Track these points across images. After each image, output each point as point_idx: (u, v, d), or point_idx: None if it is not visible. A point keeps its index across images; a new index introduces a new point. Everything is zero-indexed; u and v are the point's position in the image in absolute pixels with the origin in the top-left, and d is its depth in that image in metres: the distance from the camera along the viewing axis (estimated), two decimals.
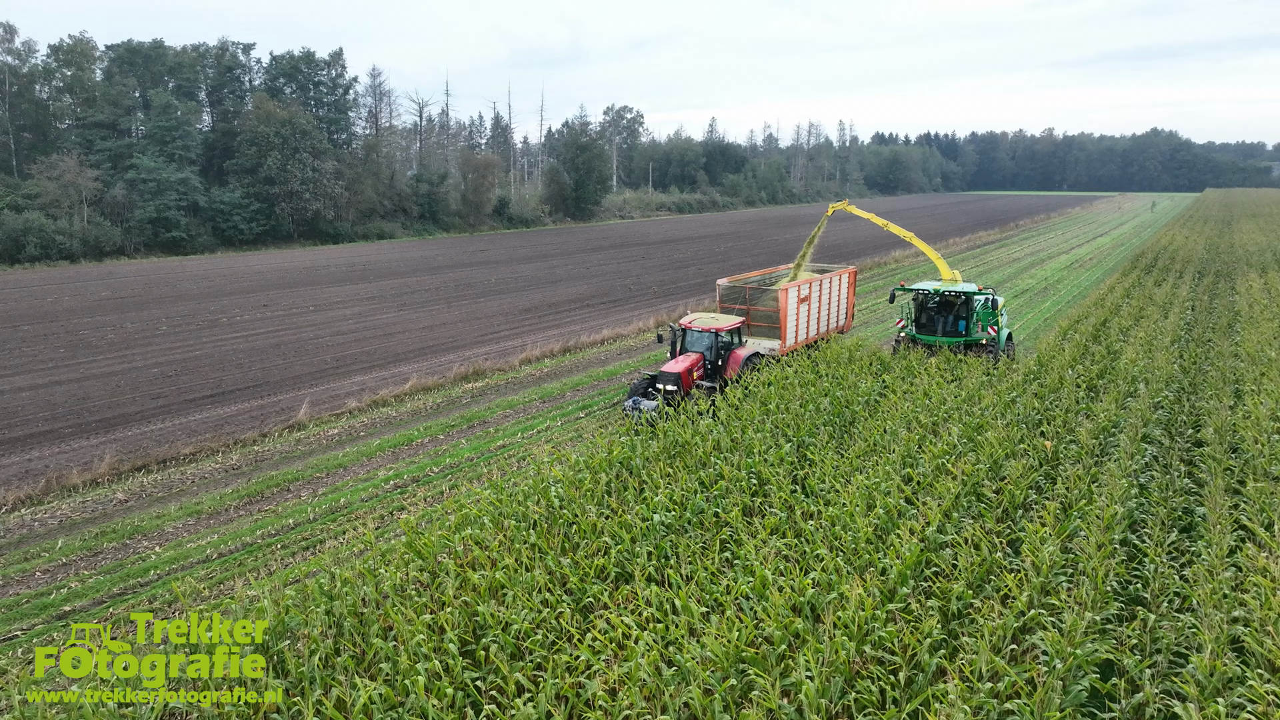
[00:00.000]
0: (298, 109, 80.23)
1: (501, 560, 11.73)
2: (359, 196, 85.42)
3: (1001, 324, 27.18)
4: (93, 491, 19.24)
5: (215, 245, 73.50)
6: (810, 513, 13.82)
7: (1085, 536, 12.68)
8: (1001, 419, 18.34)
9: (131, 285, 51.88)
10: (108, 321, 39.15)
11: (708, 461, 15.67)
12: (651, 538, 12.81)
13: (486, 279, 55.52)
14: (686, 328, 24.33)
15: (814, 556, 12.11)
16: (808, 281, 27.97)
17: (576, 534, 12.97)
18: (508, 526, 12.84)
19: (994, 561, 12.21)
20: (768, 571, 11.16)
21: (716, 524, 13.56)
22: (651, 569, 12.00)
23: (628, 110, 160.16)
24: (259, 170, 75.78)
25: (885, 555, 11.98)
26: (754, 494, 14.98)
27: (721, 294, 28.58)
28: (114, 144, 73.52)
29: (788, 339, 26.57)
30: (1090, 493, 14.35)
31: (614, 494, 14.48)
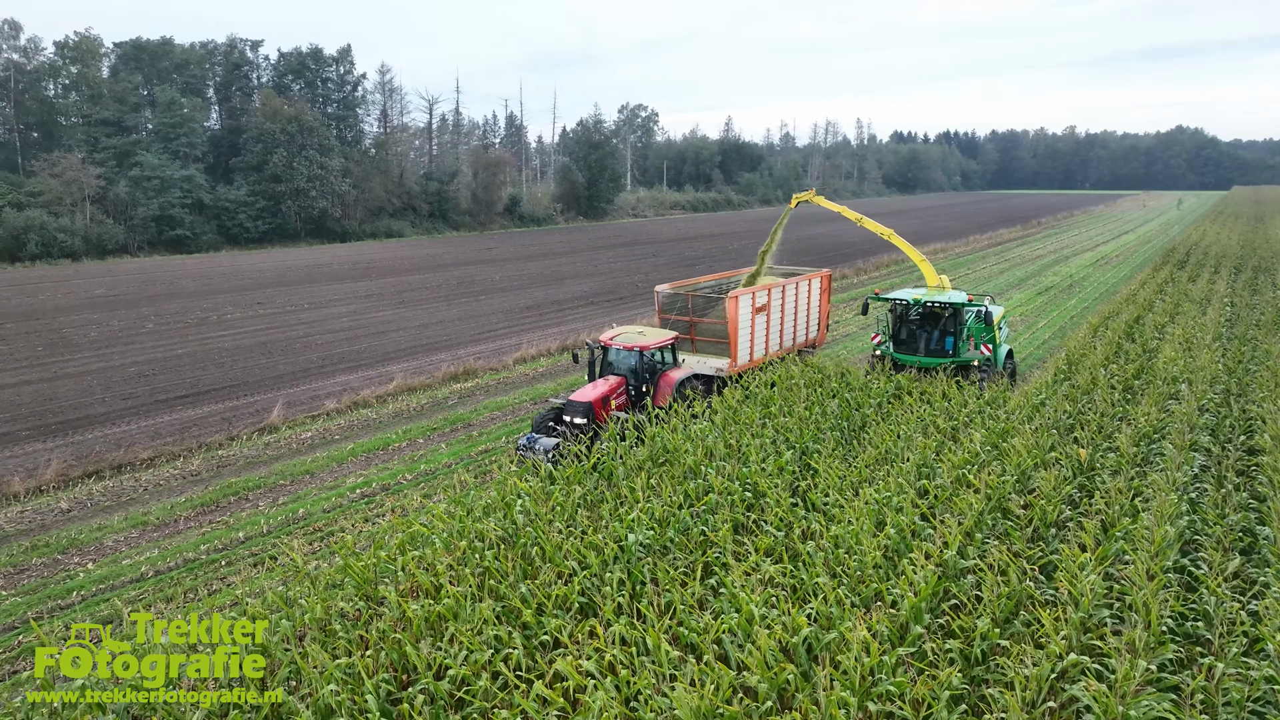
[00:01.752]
0: (304, 106, 79.12)
1: (447, 589, 10.04)
2: (367, 195, 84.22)
3: (999, 340, 22.78)
4: (35, 500, 17.73)
5: (220, 243, 72.43)
6: (811, 531, 12.04)
7: (1132, 562, 10.84)
8: (1029, 423, 16.48)
9: (128, 283, 50.72)
10: (94, 319, 37.87)
11: (698, 472, 13.91)
12: (625, 561, 11.08)
13: (490, 277, 53.99)
14: (607, 345, 19.68)
15: (813, 585, 10.34)
16: (765, 288, 23.17)
17: (539, 557, 11.26)
18: (459, 548, 11.14)
19: (1024, 592, 10.39)
20: (755, 606, 9.40)
21: (703, 545, 11.81)
22: (622, 599, 10.26)
23: (642, 109, 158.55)
24: (265, 168, 74.66)
25: (896, 584, 10.19)
26: (749, 508, 13.21)
27: (662, 303, 23.49)
28: (119, 141, 72.65)
29: (739, 356, 21.97)
30: (1135, 509, 12.49)
31: (590, 508, 12.76)
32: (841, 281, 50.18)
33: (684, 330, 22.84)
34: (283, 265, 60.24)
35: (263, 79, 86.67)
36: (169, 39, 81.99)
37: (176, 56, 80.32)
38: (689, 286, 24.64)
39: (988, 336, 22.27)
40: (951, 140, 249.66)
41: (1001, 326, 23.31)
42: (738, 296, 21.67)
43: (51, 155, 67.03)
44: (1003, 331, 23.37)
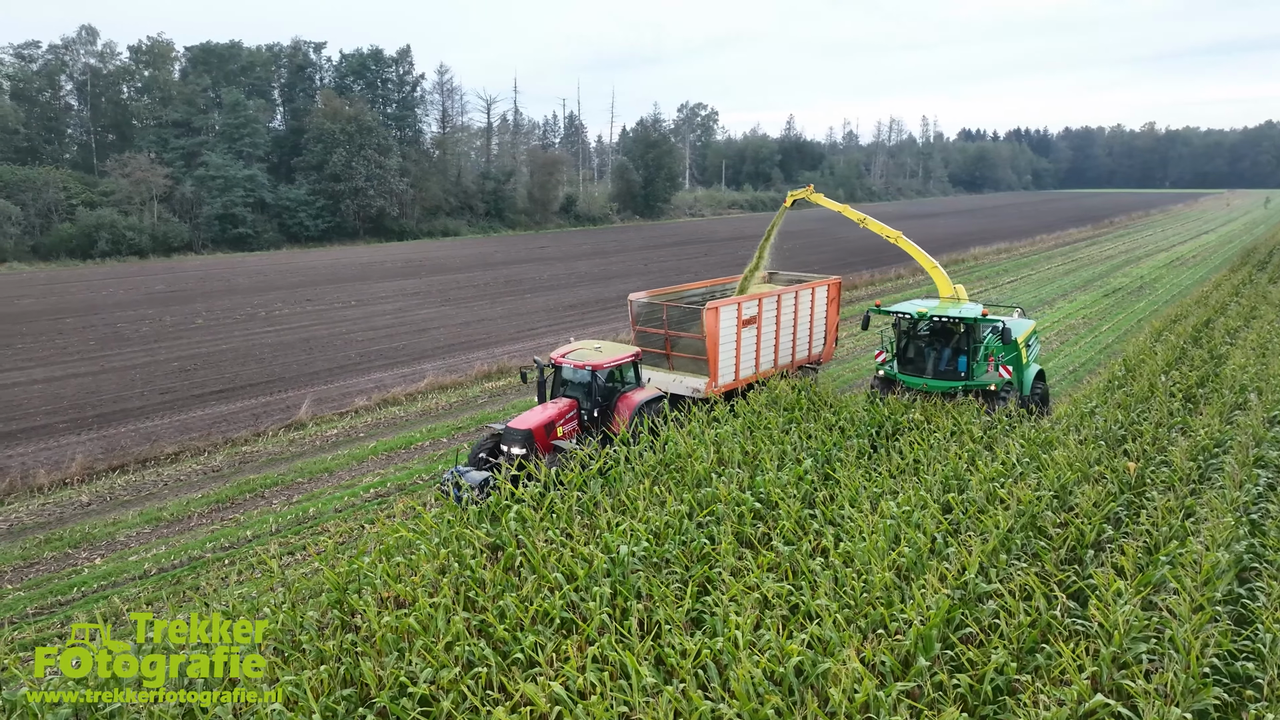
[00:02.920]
0: (364, 106, 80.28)
1: (421, 601, 9.51)
2: (425, 194, 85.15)
3: (1027, 359, 19.74)
4: (58, 493, 17.86)
5: (281, 241, 73.92)
6: (821, 547, 11.19)
7: (1177, 592, 9.76)
8: (1074, 433, 15.30)
9: (187, 280, 51.94)
10: (148, 315, 38.70)
11: (707, 480, 13.15)
12: (617, 574, 10.41)
13: (538, 275, 53.83)
14: (558, 363, 17.24)
15: (813, 607, 9.52)
16: (756, 297, 20.62)
17: (526, 567, 10.67)
18: (440, 556, 10.60)
19: (1049, 621, 9.41)
20: (740, 629, 8.64)
21: (704, 559, 11.07)
22: (607, 616, 9.60)
23: (702, 108, 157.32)
24: (325, 167, 75.97)
25: (906, 609, 9.30)
26: (759, 519, 12.41)
27: (636, 314, 21.06)
28: (187, 142, 74.73)
29: (721, 374, 19.44)
30: (1184, 530, 11.34)
31: (586, 516, 12.11)
32: (891, 284, 48.66)
33: (661, 345, 20.61)
34: (338, 263, 61.10)
35: (325, 80, 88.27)
36: (237, 42, 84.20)
37: (243, 59, 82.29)
38: (672, 295, 22.10)
39: (1008, 356, 19.05)
40: (1022, 138, 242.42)
41: (1030, 344, 20.25)
42: (718, 308, 19.13)
43: (122, 156, 69.20)
44: (1031, 349, 20.39)
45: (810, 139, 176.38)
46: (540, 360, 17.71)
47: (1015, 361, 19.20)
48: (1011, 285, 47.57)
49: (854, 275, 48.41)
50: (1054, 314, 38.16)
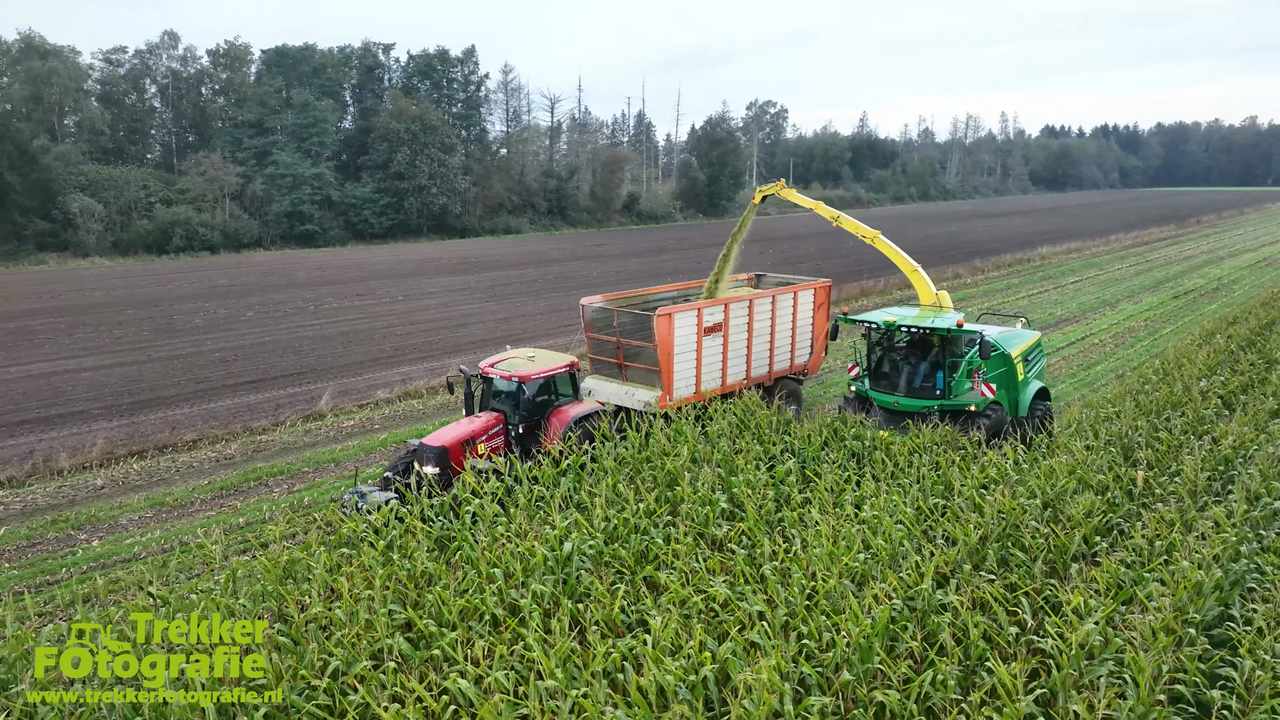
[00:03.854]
0: (429, 106, 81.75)
1: (346, 596, 9.40)
2: (488, 192, 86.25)
3: (1024, 376, 17.42)
4: (76, 476, 18.50)
5: (346, 238, 75.80)
6: (781, 551, 10.69)
7: (1146, 611, 9.00)
8: (1083, 437, 14.37)
9: (250, 274, 53.66)
10: (205, 308, 40.03)
11: (678, 478, 12.75)
12: (561, 572, 10.13)
13: (589, 272, 53.88)
14: (485, 373, 15.96)
15: (746, 616, 9.07)
16: (722, 303, 18.94)
17: (467, 562, 10.48)
18: (379, 547, 10.49)
19: (1004, 639, 8.76)
20: (653, 634, 8.27)
21: (651, 560, 10.70)
22: (539, 613, 9.33)
23: (771, 105, 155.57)
24: (389, 166, 77.59)
25: (844, 618, 8.77)
26: (729, 519, 11.96)
27: (588, 320, 19.44)
28: (259, 141, 77.23)
29: (676, 388, 17.72)
30: (1174, 545, 10.47)
31: (543, 513, 11.84)
32: (950, 284, 47.08)
33: (613, 354, 19.06)
34: (396, 259, 62.31)
35: (393, 80, 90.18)
36: (311, 45, 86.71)
37: (315, 61, 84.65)
38: (632, 299, 20.42)
39: (992, 372, 16.70)
40: (1110, 134, 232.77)
41: (1032, 358, 18.02)
42: (672, 314, 17.43)
43: (197, 155, 71.96)
44: (1033, 365, 18.11)
45: (884, 136, 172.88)
46: (467, 370, 16.53)
47: (1006, 378, 17.01)
48: (1075, 286, 45.54)
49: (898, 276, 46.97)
50: (1114, 316, 36.36)
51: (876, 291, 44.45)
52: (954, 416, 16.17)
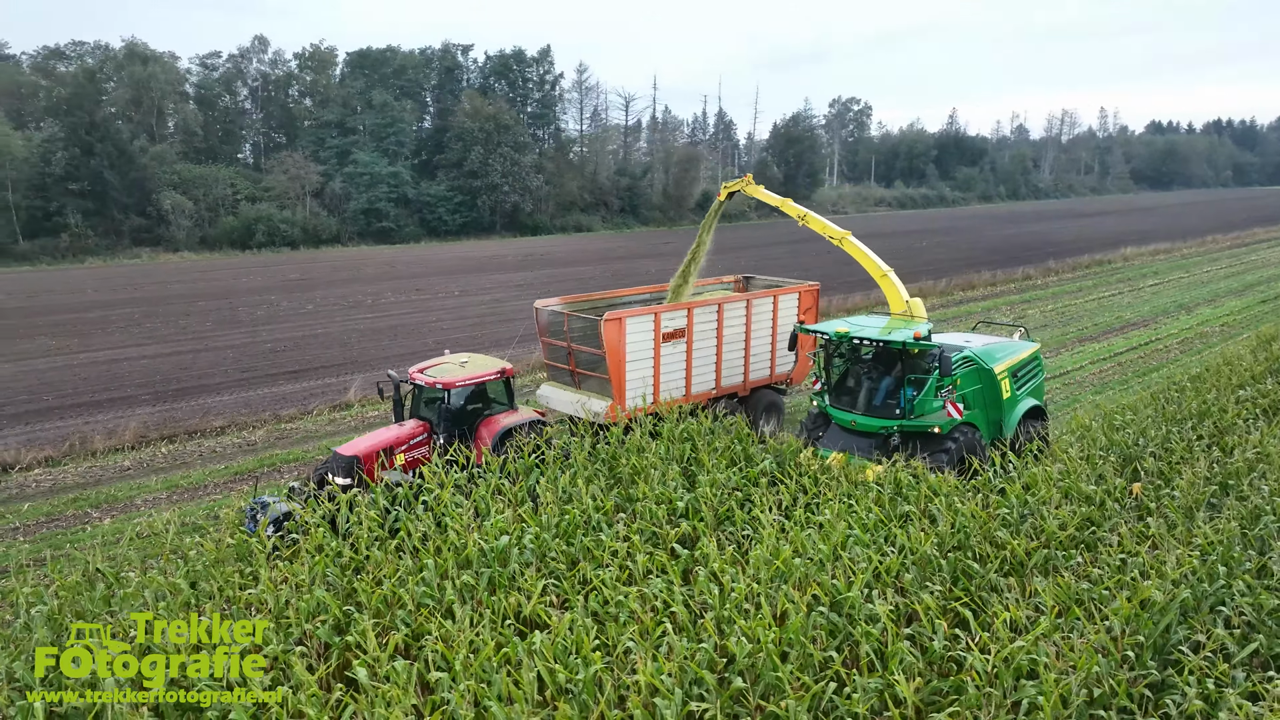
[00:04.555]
0: (504, 105, 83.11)
1: (266, 581, 9.59)
2: (560, 190, 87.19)
3: (1011, 393, 15.62)
4: (108, 458, 19.47)
5: (421, 235, 77.71)
6: (703, 553, 10.42)
7: (1091, 633, 8.43)
8: (1086, 445, 13.56)
9: (321, 269, 55.55)
10: (270, 300, 41.65)
11: (641, 478, 12.57)
12: (494, 565, 10.12)
13: (648, 270, 53.75)
14: (413, 379, 15.16)
15: (656, 616, 8.88)
16: (684, 307, 17.67)
17: (407, 553, 10.56)
18: (318, 536, 10.64)
19: (936, 652, 8.34)
20: (540, 634, 8.17)
21: (592, 559, 10.58)
22: (463, 606, 9.34)
23: (855, 102, 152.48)
24: (464, 164, 79.21)
25: (754, 623, 8.49)
26: (686, 518, 11.74)
27: (543, 324, 18.48)
28: (341, 141, 79.94)
29: (630, 398, 16.61)
30: (1142, 563, 9.77)
31: (485, 506, 11.80)
32: (1017, 285, 45.24)
33: (566, 361, 18.10)
34: (462, 255, 63.58)
35: (471, 81, 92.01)
36: (395, 47, 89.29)
37: (396, 62, 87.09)
38: (593, 302, 19.33)
39: (966, 389, 14.94)
40: (1223, 130, 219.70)
41: (1023, 373, 16.24)
42: (623, 319, 16.34)
43: (280, 154, 74.93)
44: (1026, 381, 16.31)
45: (975, 134, 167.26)
46: (395, 375, 15.57)
47: (986, 395, 15.35)
48: (1153, 289, 43.17)
49: (969, 275, 45.42)
50: (1188, 320, 34.33)
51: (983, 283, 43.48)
52: (916, 439, 14.60)
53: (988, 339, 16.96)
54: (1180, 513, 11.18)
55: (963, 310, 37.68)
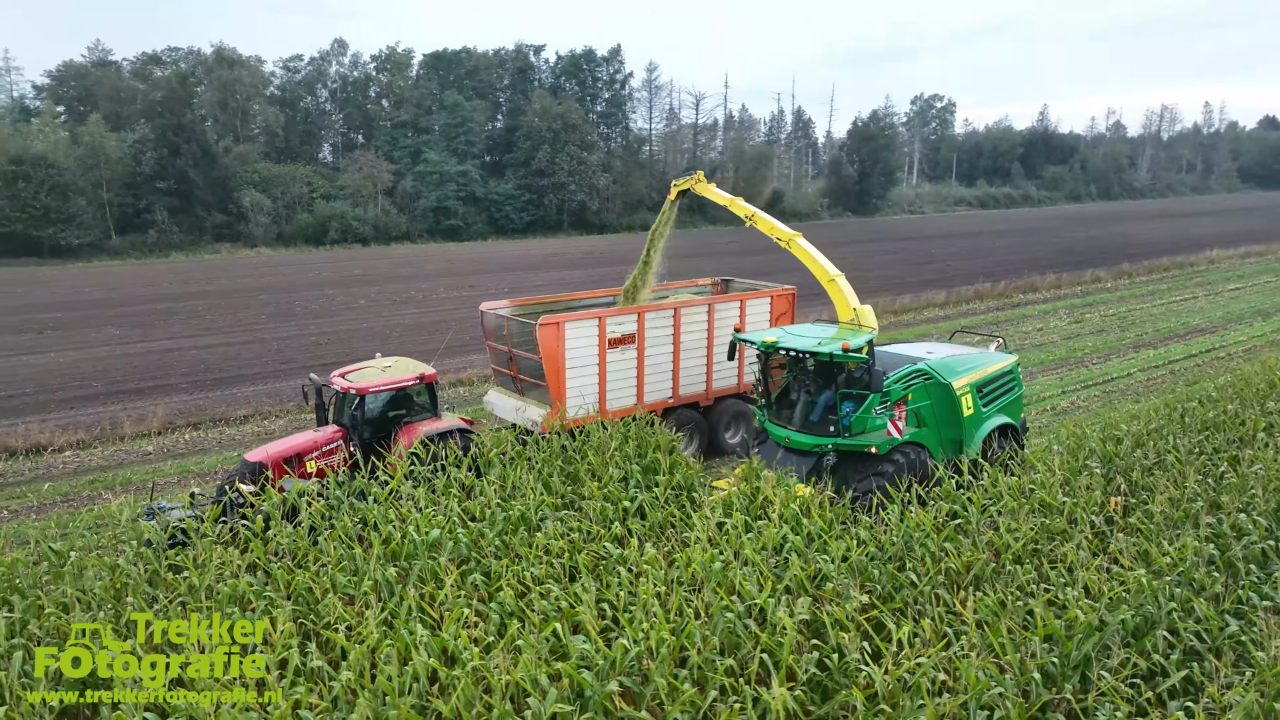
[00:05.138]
0: (573, 105, 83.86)
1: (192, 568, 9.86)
2: (627, 188, 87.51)
3: (973, 410, 14.29)
4: (133, 442, 20.42)
5: (488, 233, 79.05)
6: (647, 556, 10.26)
7: (1000, 653, 7.99)
8: (1066, 454, 12.84)
9: (385, 265, 57.06)
10: (327, 294, 43.00)
11: (600, 474, 12.49)
12: (424, 559, 10.19)
13: (699, 268, 53.41)
14: (332, 382, 14.74)
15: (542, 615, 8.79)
16: (634, 311, 16.97)
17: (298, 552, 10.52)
18: (258, 524, 10.90)
19: (839, 667, 8.03)
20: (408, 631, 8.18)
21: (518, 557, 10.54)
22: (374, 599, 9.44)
23: (938, 99, 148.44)
24: (531, 163, 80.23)
25: (631, 630, 8.28)
26: (639, 517, 11.62)
27: (489, 328, 17.91)
28: (414, 140, 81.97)
29: (571, 406, 15.83)
30: (1084, 582, 9.20)
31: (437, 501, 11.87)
32: (1084, 287, 43.29)
33: (508, 365, 17.56)
34: (523, 253, 64.41)
35: (542, 81, 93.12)
36: (470, 48, 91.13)
37: (469, 63, 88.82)
38: (547, 304, 18.77)
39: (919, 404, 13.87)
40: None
41: (992, 388, 14.77)
42: (561, 323, 15.67)
43: (353, 153, 77.28)
44: (994, 396, 14.81)
45: (1066, 131, 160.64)
46: (316, 379, 15.12)
47: (942, 412, 14.04)
48: (1231, 294, 40.70)
49: (1033, 278, 43.61)
50: (1261, 327, 32.28)
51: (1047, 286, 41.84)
52: (854, 459, 13.50)
53: (955, 350, 15.71)
54: (1156, 529, 10.47)
55: (1016, 314, 36.29)
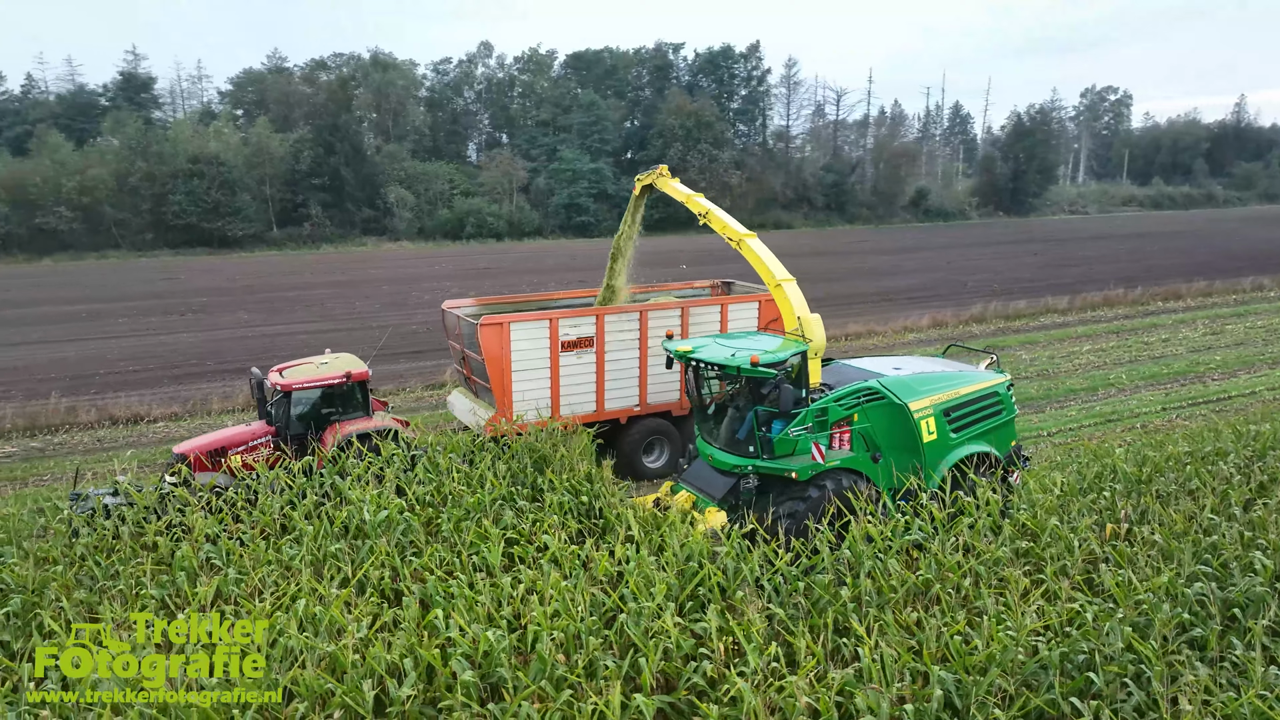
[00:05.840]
0: (708, 102, 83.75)
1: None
2: (760, 186, 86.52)
3: (935, 435, 12.58)
4: (219, 417, 22.07)
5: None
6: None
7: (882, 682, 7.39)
8: (1078, 474, 11.63)
9: (510, 260, 59.03)
10: (442, 286, 44.88)
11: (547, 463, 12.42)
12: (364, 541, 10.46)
13: (811, 268, 52.03)
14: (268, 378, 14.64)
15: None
16: (593, 313, 16.16)
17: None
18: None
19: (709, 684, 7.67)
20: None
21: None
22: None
23: (1111, 91, 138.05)
24: (663, 160, 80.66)
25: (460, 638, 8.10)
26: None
27: (448, 327, 17.38)
28: (550, 140, 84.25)
29: (518, 410, 15.15)
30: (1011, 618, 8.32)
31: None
32: (1196, 300, 39.00)
33: (464, 365, 17.08)
34: (652, 250, 64.64)
35: (680, 79, 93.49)
36: (612, 48, 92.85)
37: (608, 63, 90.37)
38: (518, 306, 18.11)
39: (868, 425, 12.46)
40: None
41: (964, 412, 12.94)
42: (504, 324, 15.04)
43: (491, 151, 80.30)
44: (968, 420, 12.96)
45: (1268, 125, 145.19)
46: (259, 372, 15.03)
47: (895, 436, 12.44)
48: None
49: (1179, 284, 39.74)
50: None
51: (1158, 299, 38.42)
52: (778, 483, 12.12)
53: (931, 367, 14.03)
54: (1144, 560, 9.34)
55: (1146, 323, 33.26)
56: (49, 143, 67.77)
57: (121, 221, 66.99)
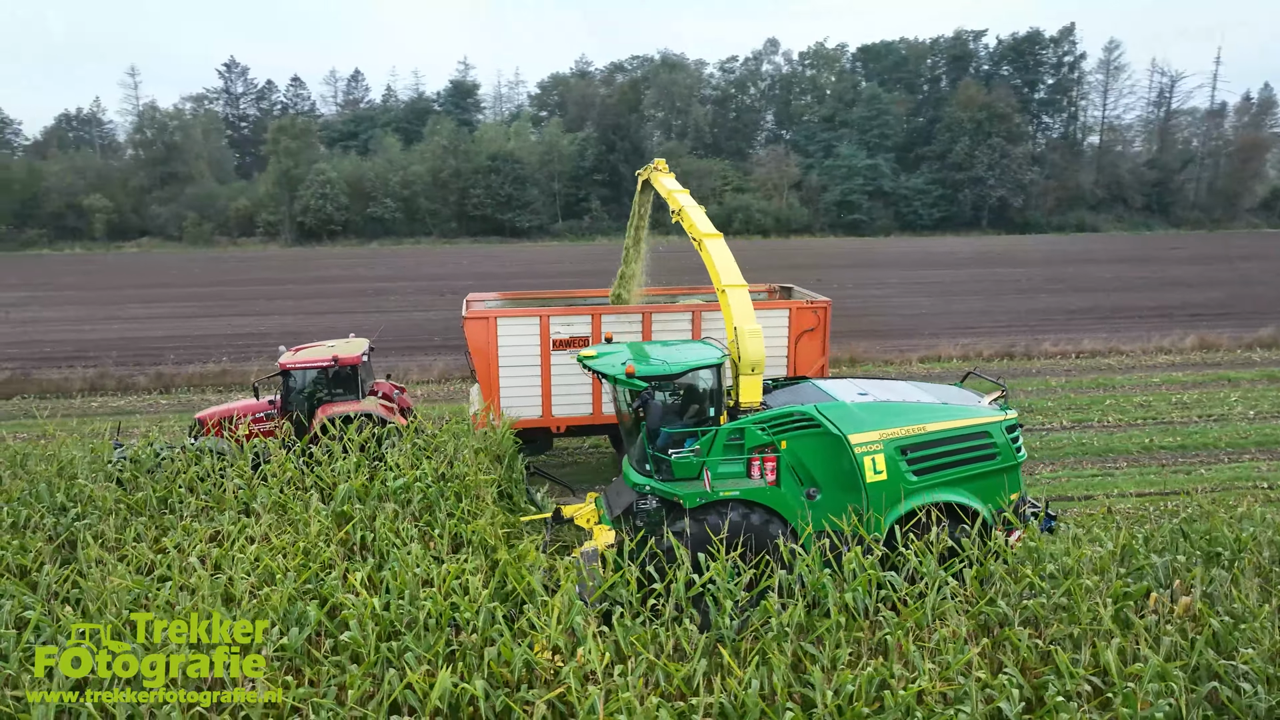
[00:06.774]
0: (1003, 93, 77.08)
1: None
2: (1063, 185, 78.08)
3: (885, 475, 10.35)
4: (414, 387, 24.46)
5: (892, 228, 76.54)
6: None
7: None
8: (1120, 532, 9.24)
9: (764, 257, 57.81)
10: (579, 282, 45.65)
11: None
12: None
13: (1088, 275, 46.19)
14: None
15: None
16: (588, 312, 15.44)
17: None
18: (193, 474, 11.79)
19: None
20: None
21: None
22: None
23: None
24: (948, 156, 75.75)
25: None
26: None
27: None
28: (828, 135, 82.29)
29: (509, 406, 14.99)
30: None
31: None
32: None
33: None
34: (904, 251, 61.40)
35: (980, 68, 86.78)
36: (907, 38, 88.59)
37: (896, 54, 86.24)
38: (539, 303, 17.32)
39: (797, 462, 10.56)
40: None
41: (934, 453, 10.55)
42: (490, 318, 14.92)
43: (767, 147, 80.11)
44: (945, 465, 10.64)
45: None
46: (284, 349, 15.97)
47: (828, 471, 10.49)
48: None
49: None
50: None
51: None
52: (672, 507, 10.54)
53: (905, 394, 11.57)
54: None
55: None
56: (384, 143, 78.79)
57: (433, 212, 76.13)
